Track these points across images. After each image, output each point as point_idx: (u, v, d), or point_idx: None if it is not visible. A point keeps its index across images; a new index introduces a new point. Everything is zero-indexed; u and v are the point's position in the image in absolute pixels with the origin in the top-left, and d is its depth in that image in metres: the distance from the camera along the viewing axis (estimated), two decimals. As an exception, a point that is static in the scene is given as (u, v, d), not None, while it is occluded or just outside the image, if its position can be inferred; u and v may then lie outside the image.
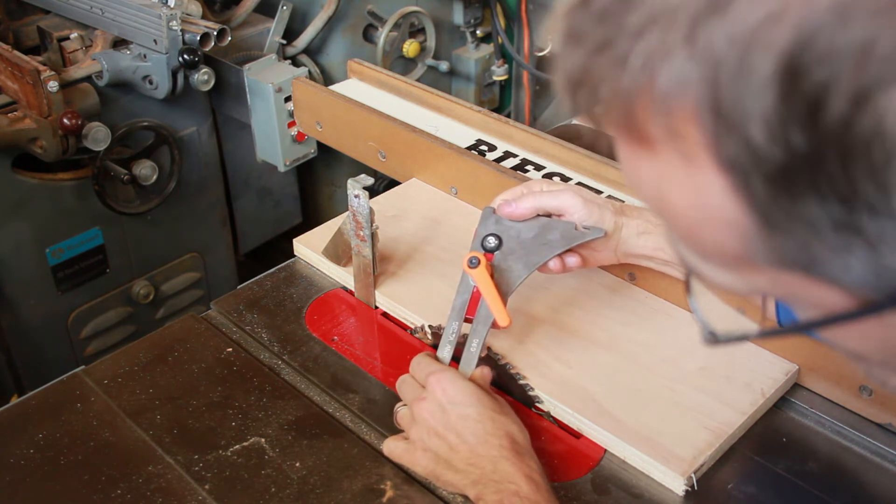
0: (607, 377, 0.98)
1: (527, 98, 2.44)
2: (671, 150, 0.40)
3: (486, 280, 0.93)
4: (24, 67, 1.46)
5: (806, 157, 0.35)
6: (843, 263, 0.38)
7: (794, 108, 0.35)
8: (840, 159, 0.35)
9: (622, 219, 0.97)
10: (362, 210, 1.04)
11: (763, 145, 0.36)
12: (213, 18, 1.79)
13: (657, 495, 0.88)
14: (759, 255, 0.40)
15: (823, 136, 0.35)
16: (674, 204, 0.42)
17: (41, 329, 1.76)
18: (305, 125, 1.52)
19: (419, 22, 2.12)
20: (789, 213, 0.37)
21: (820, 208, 0.36)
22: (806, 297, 0.43)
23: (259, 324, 1.11)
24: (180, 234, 1.94)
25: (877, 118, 0.33)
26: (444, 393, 0.88)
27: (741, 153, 0.37)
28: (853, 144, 0.34)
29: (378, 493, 0.88)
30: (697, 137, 0.38)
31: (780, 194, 0.37)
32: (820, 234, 0.37)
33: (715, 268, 0.44)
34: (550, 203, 0.96)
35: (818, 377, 0.98)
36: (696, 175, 0.39)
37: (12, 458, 0.93)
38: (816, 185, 0.36)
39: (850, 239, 0.37)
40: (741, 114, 0.36)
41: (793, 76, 0.34)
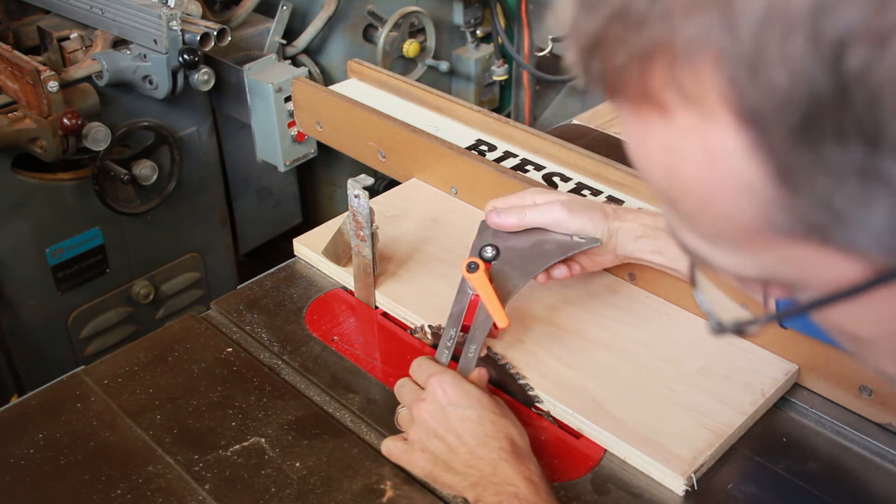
0: (607, 377, 0.98)
1: (527, 98, 2.44)
2: (687, 112, 0.39)
3: (484, 284, 0.94)
4: (24, 67, 1.46)
5: (831, 98, 0.35)
6: (864, 218, 0.37)
7: (819, 51, 0.35)
8: (866, 100, 0.34)
9: (616, 223, 0.98)
10: (362, 210, 1.04)
11: (787, 90, 0.35)
12: (213, 18, 1.79)
13: (657, 495, 0.88)
14: (776, 221, 0.40)
15: (848, 77, 0.34)
16: (685, 176, 0.41)
17: (41, 329, 1.76)
18: (305, 125, 1.52)
19: (419, 22, 2.12)
20: (811, 164, 0.37)
21: (843, 154, 0.36)
22: (817, 273, 0.42)
23: (259, 324, 1.11)
24: (180, 234, 1.94)
25: None
26: (444, 394, 0.88)
27: (764, 101, 0.36)
28: (878, 84, 0.34)
29: (378, 493, 0.88)
30: (717, 92, 0.38)
31: (801, 143, 0.36)
32: (842, 184, 0.37)
33: (722, 250, 0.44)
34: (538, 219, 0.97)
35: (818, 377, 0.98)
36: (713, 137, 0.39)
37: (12, 458, 0.93)
38: (840, 129, 0.35)
39: (873, 187, 0.36)
40: (764, 59, 0.36)
41: (816, 19, 0.34)
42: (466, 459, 0.84)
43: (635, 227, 0.98)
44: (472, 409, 0.87)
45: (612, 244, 0.98)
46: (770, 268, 0.43)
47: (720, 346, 1.01)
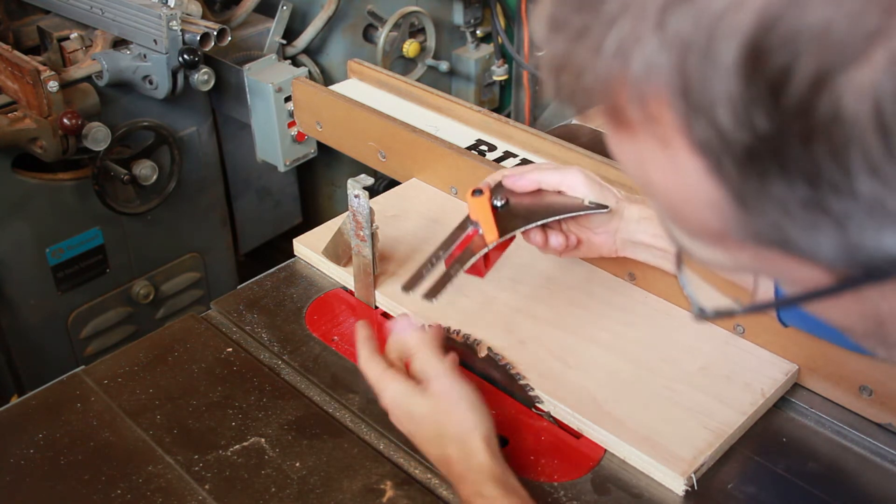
0: (607, 377, 0.98)
1: (527, 98, 2.44)
2: (649, 134, 0.41)
3: (484, 207, 0.93)
4: (24, 67, 1.46)
5: (770, 138, 0.36)
6: (814, 241, 0.39)
7: (758, 92, 0.36)
8: (802, 141, 0.36)
9: (623, 203, 0.98)
10: (362, 210, 1.04)
11: (730, 128, 0.37)
12: (213, 18, 1.79)
13: (657, 495, 0.88)
14: (738, 233, 0.42)
15: (786, 118, 0.36)
16: (657, 184, 0.43)
17: (41, 329, 1.76)
18: (305, 125, 1.52)
19: (419, 22, 2.12)
20: (759, 193, 0.39)
21: (787, 188, 0.38)
22: (787, 274, 0.44)
23: (259, 324, 1.11)
24: (180, 234, 1.94)
25: (835, 100, 0.34)
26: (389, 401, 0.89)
27: (711, 136, 0.38)
28: (814, 126, 0.35)
29: (378, 493, 0.88)
30: (671, 121, 0.39)
31: (749, 175, 0.38)
32: (789, 214, 0.38)
33: (702, 245, 0.46)
34: (554, 177, 0.97)
35: (818, 377, 0.98)
36: (674, 157, 0.41)
37: (12, 458, 0.93)
38: (782, 166, 0.37)
39: (818, 218, 0.38)
40: (709, 98, 0.37)
41: (755, 60, 0.36)
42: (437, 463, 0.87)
43: (640, 209, 0.97)
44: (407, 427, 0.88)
45: (616, 222, 0.98)
46: (745, 265, 0.45)
47: (720, 346, 1.01)
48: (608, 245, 1.00)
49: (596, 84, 0.41)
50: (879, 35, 0.34)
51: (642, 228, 0.97)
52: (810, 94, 0.35)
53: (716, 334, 1.03)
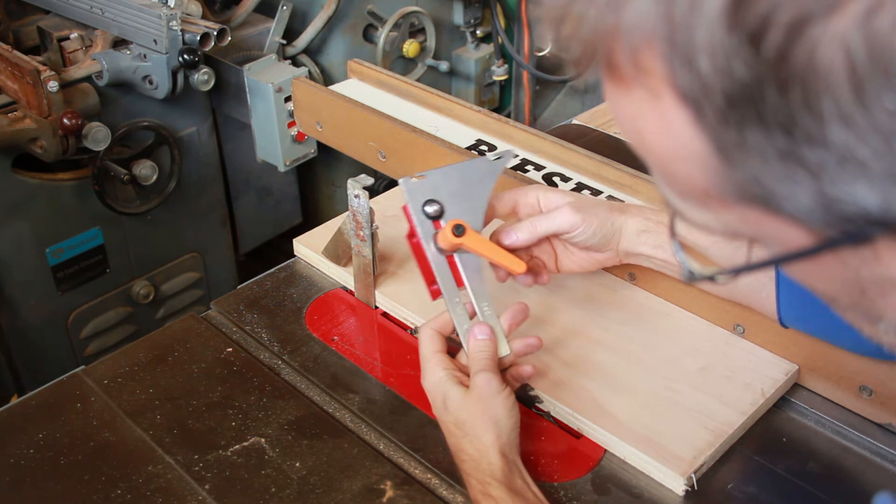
0: (607, 377, 0.98)
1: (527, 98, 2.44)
2: (640, 86, 0.42)
3: (479, 240, 0.90)
4: (24, 67, 1.46)
5: (748, 87, 0.38)
6: (791, 193, 0.40)
7: (738, 40, 0.37)
8: (778, 89, 0.37)
9: (622, 217, 0.97)
10: (362, 210, 1.04)
11: (710, 76, 0.38)
12: (213, 18, 1.80)
13: (657, 495, 0.88)
14: (722, 188, 0.43)
15: (763, 66, 0.37)
16: (648, 140, 0.44)
17: (41, 329, 1.76)
18: (305, 125, 1.52)
19: (419, 22, 2.12)
20: (739, 143, 0.40)
21: (764, 138, 0.39)
22: (770, 234, 0.45)
23: (259, 324, 1.11)
24: (180, 234, 1.94)
25: (810, 49, 0.36)
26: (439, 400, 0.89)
27: (693, 84, 0.39)
28: (790, 74, 0.36)
29: (378, 493, 0.88)
30: (659, 71, 0.40)
31: (729, 124, 0.39)
32: (767, 164, 0.40)
33: (691, 206, 0.47)
34: (550, 227, 0.95)
35: (818, 377, 0.98)
36: (663, 110, 0.42)
37: (12, 458, 0.93)
38: (760, 115, 0.38)
39: (794, 168, 0.39)
40: (692, 46, 0.38)
41: (737, 9, 0.37)
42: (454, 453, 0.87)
43: (639, 221, 0.97)
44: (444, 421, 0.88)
45: (616, 240, 0.98)
46: (732, 226, 0.46)
47: (720, 346, 1.01)
48: (612, 259, 1.00)
49: (592, 35, 0.42)
50: None
51: (642, 240, 0.97)
52: (786, 42, 0.36)
53: (716, 334, 1.03)
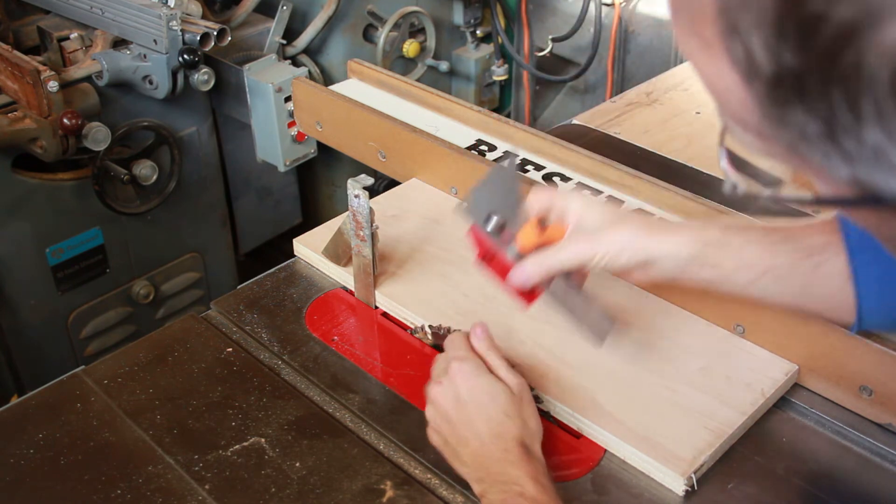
0: (607, 377, 0.98)
1: (527, 98, 2.44)
2: (697, 37, 0.44)
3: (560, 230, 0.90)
4: (24, 67, 1.46)
5: (795, 74, 0.39)
6: (828, 165, 0.42)
7: (790, 30, 0.38)
8: (823, 83, 0.39)
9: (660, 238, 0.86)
10: (362, 210, 1.04)
11: (760, 55, 0.40)
12: (213, 18, 1.80)
13: (657, 495, 0.88)
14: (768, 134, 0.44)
15: (810, 59, 0.38)
16: (702, 73, 0.46)
17: (41, 329, 1.76)
18: (305, 125, 1.52)
19: (419, 22, 2.12)
20: (780, 117, 0.42)
21: (806, 119, 0.41)
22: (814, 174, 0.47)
23: (259, 324, 1.11)
24: (180, 234, 1.94)
25: (859, 53, 0.37)
26: (463, 382, 0.87)
27: (743, 58, 0.41)
28: (836, 73, 0.38)
29: (378, 493, 0.88)
30: (714, 33, 0.42)
31: (773, 98, 0.41)
32: (806, 139, 0.42)
33: (740, 129, 0.48)
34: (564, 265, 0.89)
35: (818, 377, 0.98)
36: (716, 62, 0.43)
37: (12, 458, 0.93)
38: (802, 100, 0.40)
39: (830, 150, 0.41)
40: (745, 24, 0.40)
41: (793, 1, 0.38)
42: (475, 453, 0.84)
43: (683, 245, 0.86)
44: (485, 405, 0.86)
45: (644, 260, 0.87)
46: (780, 156, 0.48)
47: (720, 346, 1.01)
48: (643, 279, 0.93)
49: None
50: None
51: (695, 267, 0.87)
52: (837, 43, 0.37)
53: (716, 334, 1.03)
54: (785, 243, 0.86)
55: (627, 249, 0.86)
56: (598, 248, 0.87)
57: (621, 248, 0.86)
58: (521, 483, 0.80)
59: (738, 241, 0.87)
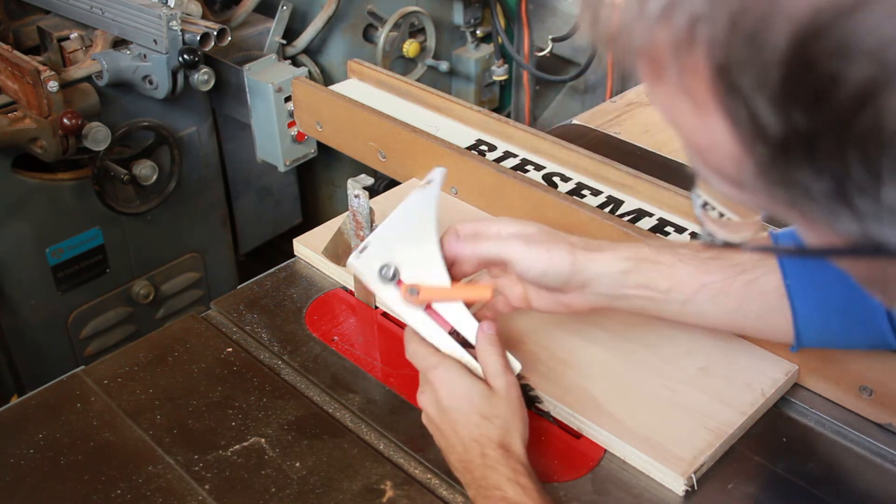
0: (607, 377, 0.98)
1: (527, 98, 2.44)
2: (683, 93, 0.41)
3: (436, 290, 0.89)
4: (24, 67, 1.46)
5: (806, 135, 0.37)
6: (832, 222, 0.40)
7: (801, 92, 0.36)
8: (837, 145, 0.36)
9: (589, 256, 0.87)
10: (362, 210, 1.04)
11: (766, 117, 0.37)
12: (213, 18, 1.80)
13: (657, 495, 0.88)
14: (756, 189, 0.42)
15: (824, 121, 0.36)
16: (683, 129, 0.43)
17: (41, 329, 1.76)
18: (305, 125, 1.52)
19: (419, 22, 2.12)
20: (785, 175, 0.39)
21: (814, 179, 0.38)
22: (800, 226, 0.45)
23: (259, 324, 1.11)
24: (180, 234, 1.94)
25: (877, 114, 0.34)
26: (444, 390, 0.86)
27: (745, 118, 0.38)
28: (851, 134, 0.35)
29: (378, 493, 0.88)
30: (707, 89, 0.39)
31: (778, 159, 0.39)
32: (812, 198, 0.39)
33: (718, 180, 0.46)
34: (493, 252, 0.89)
35: (818, 377, 0.98)
36: (706, 118, 0.41)
37: (12, 458, 0.93)
38: (812, 161, 0.37)
39: (839, 207, 0.39)
40: (748, 85, 0.37)
41: (804, 61, 0.35)
42: (461, 459, 0.84)
43: (618, 262, 0.87)
44: (463, 410, 0.84)
45: (579, 280, 0.88)
46: (762, 207, 0.46)
47: (720, 346, 1.01)
48: (581, 302, 0.91)
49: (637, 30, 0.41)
50: None
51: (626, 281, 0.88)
52: (854, 105, 0.35)
53: (716, 334, 1.03)
54: (716, 260, 0.87)
55: (563, 262, 0.86)
56: (534, 251, 0.87)
57: (558, 260, 0.87)
58: (501, 487, 0.79)
59: (670, 259, 0.88)
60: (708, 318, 0.89)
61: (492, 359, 0.88)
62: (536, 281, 0.89)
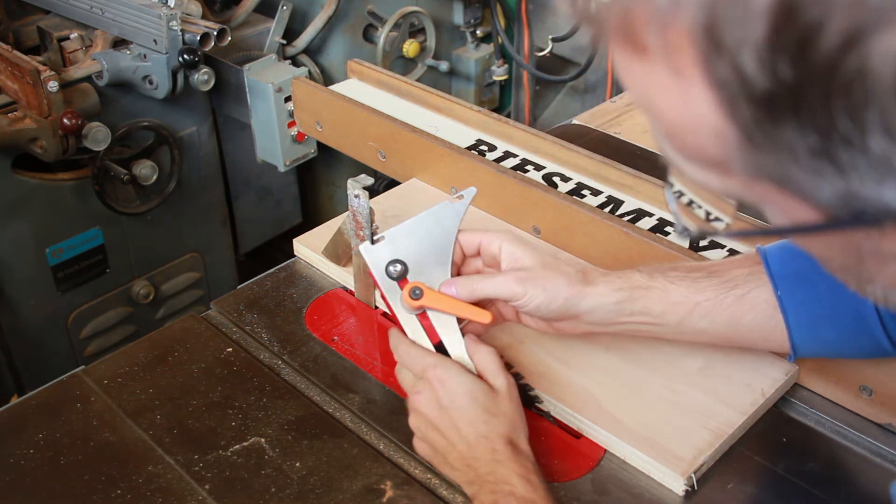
0: (607, 377, 0.98)
1: (527, 98, 2.44)
2: (663, 61, 0.41)
3: (439, 298, 0.88)
4: (24, 67, 1.46)
5: (791, 88, 0.37)
6: (815, 185, 0.40)
7: (786, 42, 0.36)
8: (823, 95, 0.36)
9: (586, 290, 0.88)
10: (362, 210, 1.04)
11: (752, 72, 0.37)
12: (213, 18, 1.80)
13: (657, 495, 0.88)
14: (738, 164, 0.42)
15: (810, 71, 0.36)
16: (661, 108, 0.43)
17: (41, 329, 1.76)
18: (305, 125, 1.52)
19: (419, 22, 2.12)
20: (770, 136, 0.39)
21: (798, 135, 0.38)
22: (777, 206, 0.45)
23: (259, 324, 1.11)
24: (180, 234, 1.94)
25: (862, 60, 0.35)
26: (443, 389, 0.86)
27: (730, 76, 0.38)
28: (837, 82, 0.36)
29: (378, 493, 0.88)
30: (691, 55, 0.39)
31: (763, 118, 0.39)
32: (796, 158, 0.39)
33: (693, 167, 0.46)
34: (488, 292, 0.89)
35: (818, 377, 0.98)
36: (686, 88, 0.41)
37: (12, 458, 0.93)
38: (798, 115, 0.38)
39: (824, 165, 0.39)
40: (734, 40, 0.37)
41: (788, 10, 0.36)
42: (462, 457, 0.83)
43: (612, 293, 0.88)
44: (466, 408, 0.84)
45: (574, 313, 0.89)
46: (736, 191, 0.46)
47: (720, 346, 1.01)
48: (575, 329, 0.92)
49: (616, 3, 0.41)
50: None
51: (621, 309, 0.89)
52: (838, 52, 0.35)
53: (716, 334, 1.03)
54: (708, 279, 0.88)
55: (558, 298, 0.87)
56: (529, 289, 0.87)
57: (553, 296, 0.87)
58: (510, 482, 0.79)
59: (662, 283, 0.88)
60: (704, 335, 0.91)
61: (488, 358, 0.88)
62: (531, 314, 0.90)
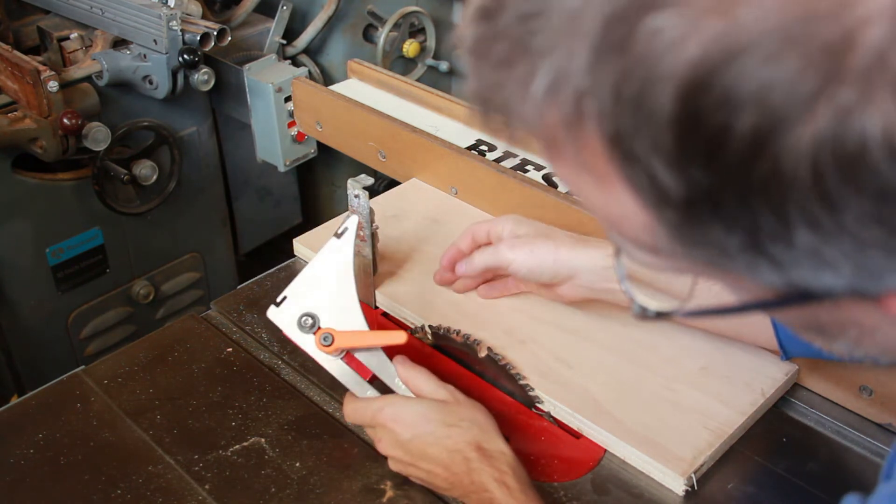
0: (607, 377, 0.98)
1: (527, 98, 2.44)
2: (585, 168, 0.41)
3: (350, 336, 0.89)
4: (24, 67, 1.46)
5: (707, 192, 0.36)
6: (753, 274, 0.39)
7: (695, 149, 0.35)
8: (741, 196, 0.36)
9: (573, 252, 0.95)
10: (362, 210, 1.04)
11: (666, 179, 0.37)
12: (213, 18, 1.79)
13: (657, 495, 0.88)
14: (674, 254, 0.42)
15: (724, 174, 0.35)
16: (592, 204, 0.44)
17: (41, 329, 1.76)
18: (305, 125, 1.52)
19: (419, 22, 2.12)
20: (698, 234, 0.39)
21: (725, 234, 0.38)
22: (727, 284, 0.45)
23: (259, 324, 1.11)
24: (180, 234, 1.94)
25: (773, 158, 0.34)
26: (397, 425, 0.85)
27: (646, 183, 0.38)
28: (753, 182, 0.35)
29: (378, 493, 0.88)
30: (606, 163, 0.39)
31: (686, 221, 0.38)
32: (728, 254, 0.39)
33: (636, 250, 0.45)
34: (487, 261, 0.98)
35: (818, 377, 0.98)
36: (609, 190, 0.40)
37: (12, 458, 0.93)
38: (720, 216, 0.37)
39: (757, 259, 0.38)
40: (643, 149, 0.37)
41: (692, 118, 0.35)
42: (445, 478, 0.84)
43: (600, 256, 0.93)
44: (426, 430, 0.84)
45: (566, 274, 0.95)
46: (683, 269, 0.45)
47: (720, 346, 1.01)
48: (570, 293, 0.98)
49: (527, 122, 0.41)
50: (817, 99, 0.33)
51: (608, 275, 0.93)
52: (749, 153, 0.34)
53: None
54: None
55: (547, 259, 0.95)
56: (519, 254, 0.96)
57: (542, 259, 0.95)
58: (488, 488, 0.80)
59: None
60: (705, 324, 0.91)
61: (421, 377, 0.89)
62: (527, 278, 0.98)
